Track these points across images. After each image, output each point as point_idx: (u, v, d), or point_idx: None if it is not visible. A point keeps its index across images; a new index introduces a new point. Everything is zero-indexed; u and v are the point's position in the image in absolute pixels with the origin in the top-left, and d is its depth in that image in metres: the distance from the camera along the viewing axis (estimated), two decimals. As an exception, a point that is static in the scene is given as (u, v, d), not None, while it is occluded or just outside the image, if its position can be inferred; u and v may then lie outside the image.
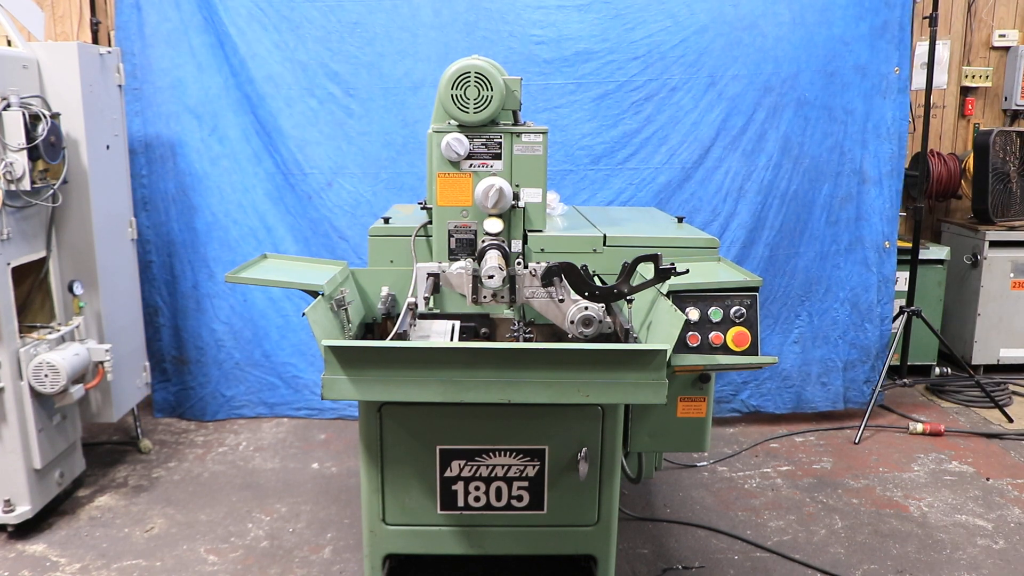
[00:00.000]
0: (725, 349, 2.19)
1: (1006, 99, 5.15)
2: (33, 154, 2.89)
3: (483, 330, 2.54)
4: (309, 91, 4.05)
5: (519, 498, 2.21)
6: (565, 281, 2.18)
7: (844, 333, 4.29)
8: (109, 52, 3.47)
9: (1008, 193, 4.88)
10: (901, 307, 4.46)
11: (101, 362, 3.25)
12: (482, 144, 2.48)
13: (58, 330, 3.18)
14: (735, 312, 2.19)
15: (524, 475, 2.19)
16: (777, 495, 3.48)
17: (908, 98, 4.13)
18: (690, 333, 2.19)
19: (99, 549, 3.01)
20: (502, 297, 2.27)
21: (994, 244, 4.80)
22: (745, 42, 4.01)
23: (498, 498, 2.21)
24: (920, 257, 4.52)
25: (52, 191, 3.06)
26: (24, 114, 2.85)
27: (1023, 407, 4.50)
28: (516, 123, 2.55)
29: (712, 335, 2.19)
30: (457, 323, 2.43)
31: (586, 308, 2.18)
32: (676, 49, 4.02)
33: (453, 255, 2.54)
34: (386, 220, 2.77)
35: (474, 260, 2.32)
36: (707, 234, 2.72)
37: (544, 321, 2.40)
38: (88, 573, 2.85)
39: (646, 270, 2.14)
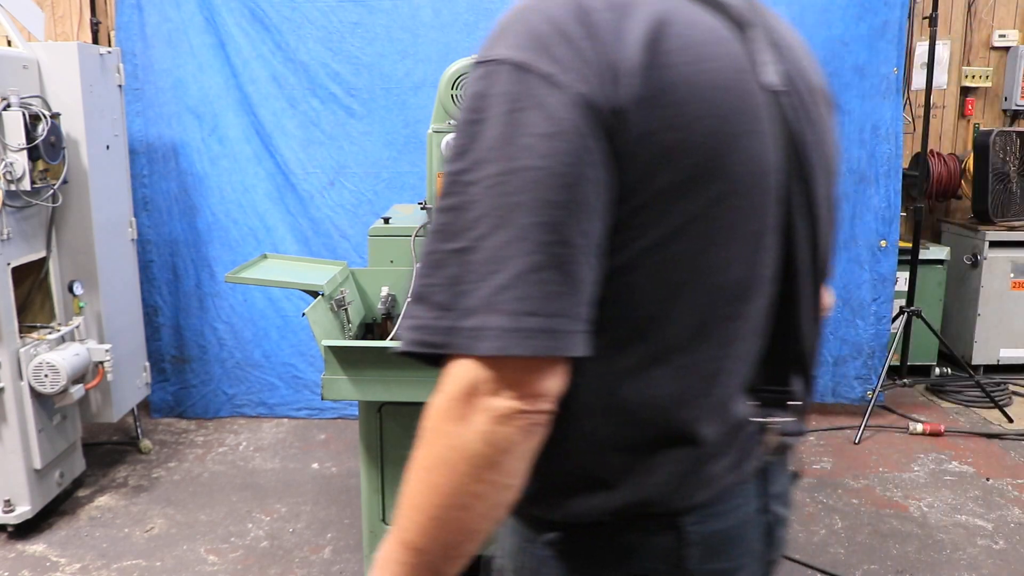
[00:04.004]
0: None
1: (1006, 99, 5.14)
2: (33, 154, 2.89)
3: (483, 330, 2.53)
4: (311, 91, 4.05)
5: (519, 498, 2.20)
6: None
7: (835, 329, 4.30)
8: (109, 52, 3.47)
9: (1008, 193, 4.88)
10: (901, 307, 4.46)
11: (101, 362, 3.25)
12: (482, 144, 2.48)
13: (58, 330, 3.19)
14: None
15: (524, 475, 2.19)
16: (777, 495, 3.47)
17: (901, 98, 4.14)
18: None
19: (99, 549, 3.01)
20: (502, 297, 2.27)
21: (994, 244, 4.79)
22: (745, 42, 4.01)
23: (498, 498, 2.20)
24: (920, 257, 4.52)
25: (52, 191, 3.06)
26: (24, 114, 2.85)
27: (1023, 407, 4.50)
28: (516, 123, 2.54)
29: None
30: (457, 323, 2.42)
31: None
32: (676, 49, 4.01)
33: (453, 255, 2.53)
34: (386, 220, 2.77)
35: (474, 260, 2.31)
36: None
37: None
38: (88, 573, 2.85)
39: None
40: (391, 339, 2.07)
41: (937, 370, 4.90)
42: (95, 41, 4.36)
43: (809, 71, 0.96)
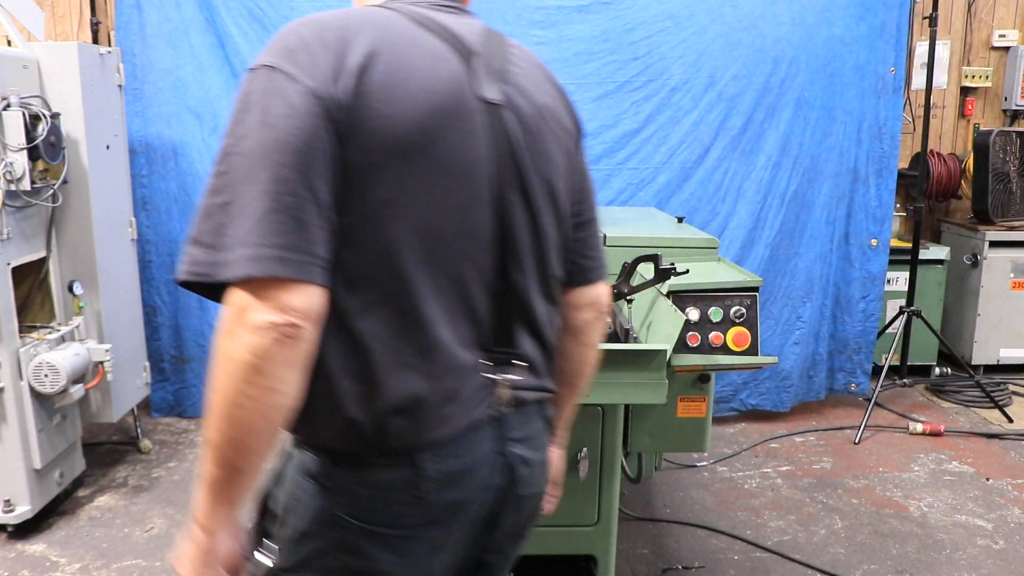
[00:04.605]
0: (725, 349, 2.19)
1: (1006, 99, 5.15)
2: (33, 154, 2.89)
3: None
4: (309, 91, 4.05)
5: (519, 498, 2.20)
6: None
7: (825, 325, 4.33)
8: (109, 52, 3.47)
9: (1008, 193, 4.88)
10: (901, 307, 4.46)
11: (101, 362, 3.25)
12: (482, 144, 2.48)
13: (58, 330, 3.19)
14: (735, 312, 2.20)
15: (524, 475, 2.19)
16: (777, 495, 3.48)
17: (902, 97, 4.15)
18: (690, 333, 2.19)
19: (99, 549, 3.01)
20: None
21: (994, 244, 4.80)
22: (745, 42, 4.01)
23: (498, 498, 2.20)
24: (920, 257, 4.52)
25: (52, 191, 3.06)
26: (24, 114, 2.85)
27: (1023, 407, 4.50)
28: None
29: (712, 335, 2.19)
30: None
31: (586, 308, 2.18)
32: (676, 49, 4.01)
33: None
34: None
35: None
36: (707, 234, 2.71)
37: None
38: (88, 573, 2.85)
39: (646, 270, 2.14)
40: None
41: (937, 370, 4.91)
42: (95, 41, 4.36)
43: (539, 95, 1.19)
